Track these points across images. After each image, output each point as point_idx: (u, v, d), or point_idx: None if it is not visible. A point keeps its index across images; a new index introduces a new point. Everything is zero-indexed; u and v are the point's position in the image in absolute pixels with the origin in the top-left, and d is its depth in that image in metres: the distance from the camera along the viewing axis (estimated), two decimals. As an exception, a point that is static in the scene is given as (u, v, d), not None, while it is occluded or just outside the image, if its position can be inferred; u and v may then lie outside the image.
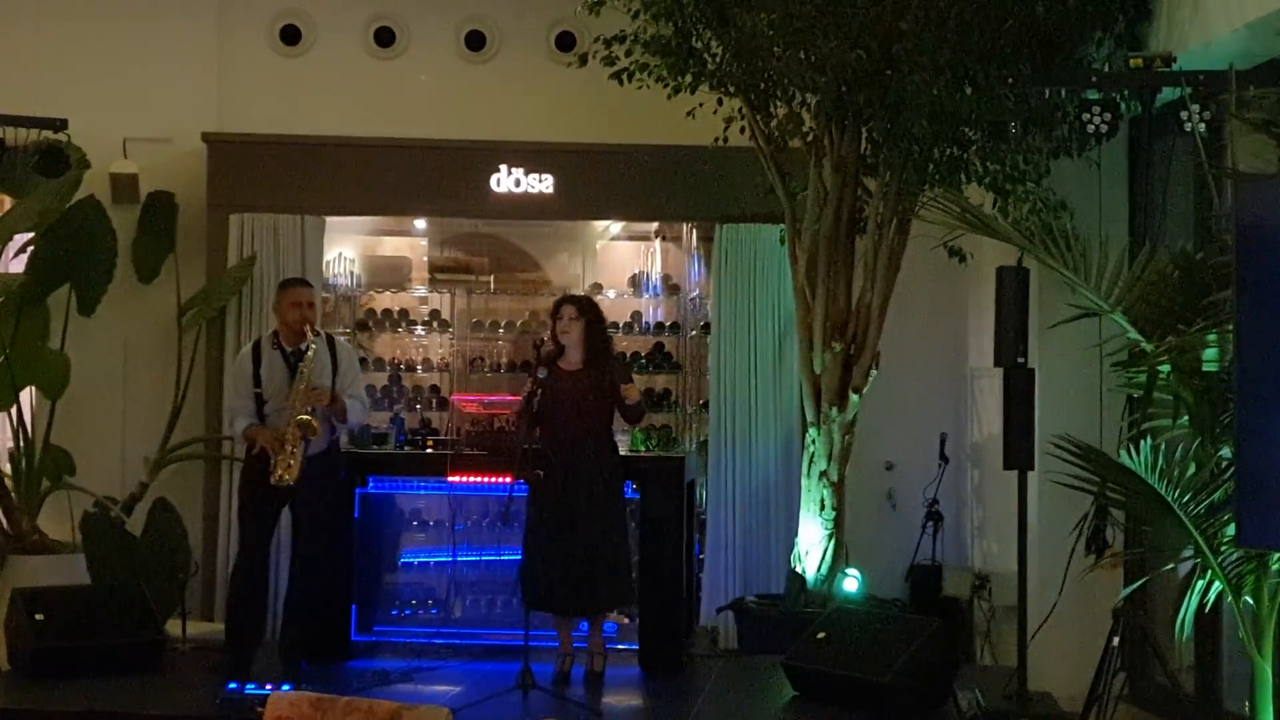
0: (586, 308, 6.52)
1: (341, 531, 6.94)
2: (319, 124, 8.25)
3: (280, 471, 6.16)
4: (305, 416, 6.17)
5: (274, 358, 6.39)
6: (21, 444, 7.65)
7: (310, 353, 6.26)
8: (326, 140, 8.19)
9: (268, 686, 5.66)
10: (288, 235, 8.08)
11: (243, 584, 6.45)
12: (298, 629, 6.42)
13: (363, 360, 8.77)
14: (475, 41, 8.60)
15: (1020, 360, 5.99)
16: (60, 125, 7.10)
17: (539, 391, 6.15)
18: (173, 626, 6.93)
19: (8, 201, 7.96)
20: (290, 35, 8.54)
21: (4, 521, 7.55)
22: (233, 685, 5.90)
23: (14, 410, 7.63)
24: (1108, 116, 6.07)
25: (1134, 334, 4.99)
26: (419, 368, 9.01)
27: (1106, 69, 6.47)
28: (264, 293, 7.81)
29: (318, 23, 8.56)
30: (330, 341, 6.56)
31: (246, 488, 6.45)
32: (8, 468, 7.71)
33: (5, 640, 6.50)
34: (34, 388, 7.80)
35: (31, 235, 7.64)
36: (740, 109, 7.24)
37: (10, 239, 7.64)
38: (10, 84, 7.75)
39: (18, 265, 7.78)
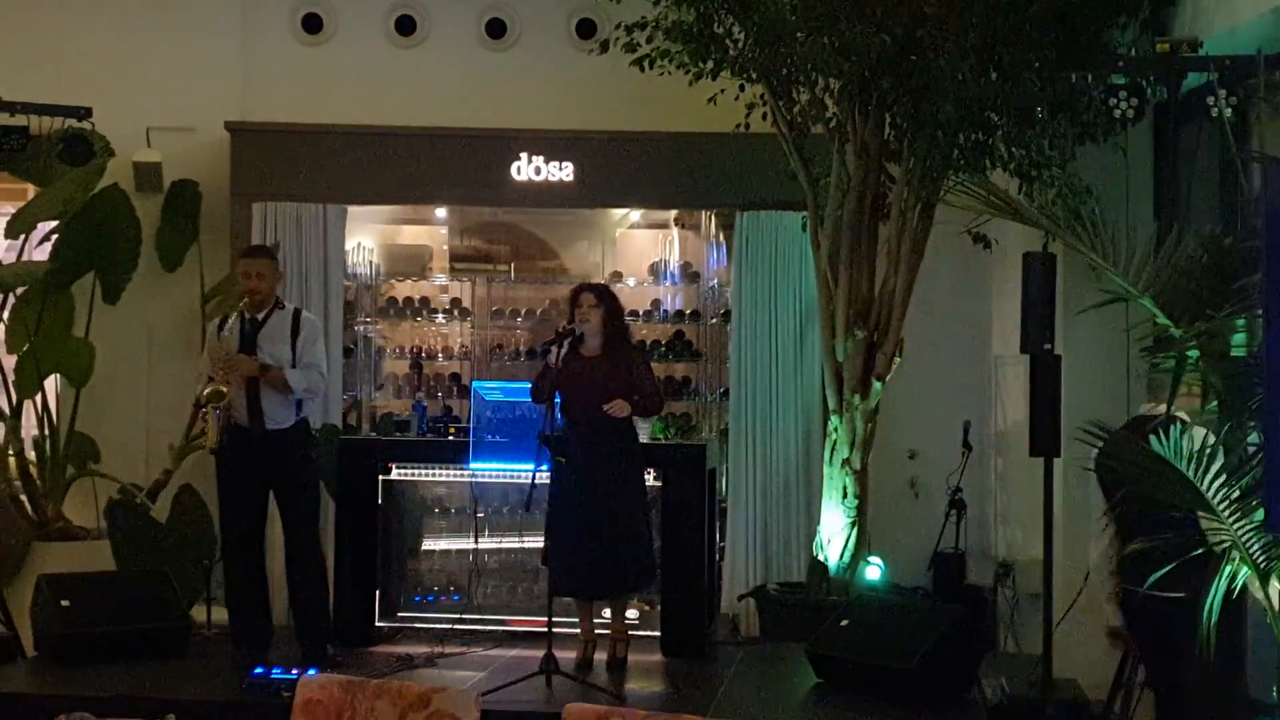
0: (604, 295, 6.51)
1: (365, 518, 6.98)
2: (341, 113, 8.26)
3: (200, 440, 6.29)
4: (219, 387, 6.29)
5: (234, 327, 6.49)
6: (47, 431, 7.69)
7: (231, 321, 6.43)
8: (348, 129, 8.20)
9: (294, 671, 5.67)
10: (310, 224, 8.10)
11: (235, 577, 6.49)
12: (304, 614, 6.44)
13: (380, 350, 8.84)
14: (496, 29, 8.60)
15: (1047, 346, 5.97)
16: (84, 114, 7.13)
17: (557, 366, 6.17)
18: (197, 612, 6.97)
19: (32, 190, 8.00)
20: (312, 24, 8.55)
21: (29, 508, 7.59)
22: (259, 670, 5.92)
23: (39, 398, 7.67)
24: (1134, 101, 6.05)
25: (1163, 319, 4.97)
26: (439, 356, 9.03)
27: (1132, 54, 6.44)
28: (287, 281, 7.81)
29: (339, 11, 8.58)
30: (295, 314, 6.59)
31: (218, 465, 6.51)
32: (33, 455, 7.75)
33: (32, 626, 6.53)
34: (59, 375, 7.83)
35: (56, 224, 7.67)
36: (762, 95, 7.23)
37: (35, 227, 7.66)
38: (35, 73, 7.77)
39: (42, 253, 7.81)
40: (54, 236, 7.71)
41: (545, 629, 6.12)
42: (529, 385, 6.47)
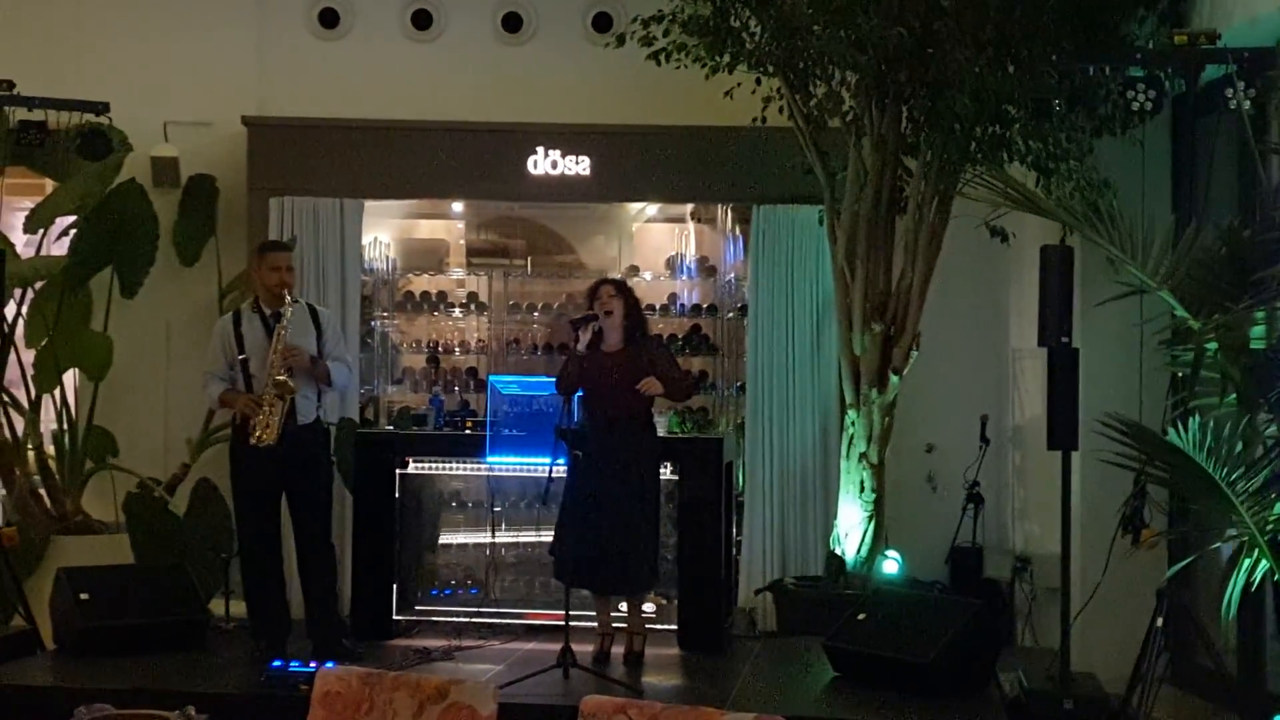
0: (623, 288, 6.52)
1: (382, 512, 7.00)
2: (357, 108, 8.27)
3: (259, 432, 6.18)
4: (282, 377, 6.20)
5: (253, 321, 6.40)
6: (65, 425, 7.73)
7: (287, 314, 6.27)
8: (365, 123, 8.21)
9: (311, 664, 5.70)
10: (327, 218, 8.11)
11: (254, 572, 6.45)
12: (319, 609, 6.44)
13: (397, 344, 8.85)
14: (512, 23, 8.59)
15: (1064, 340, 5.95)
16: (102, 109, 7.15)
17: (581, 352, 6.19)
18: (216, 606, 7.00)
19: (50, 184, 8.03)
20: (328, 19, 8.56)
21: (49, 502, 7.63)
22: (277, 663, 5.94)
23: (58, 392, 7.71)
24: (1152, 94, 6.01)
25: (1181, 311, 4.96)
26: (456, 350, 9.05)
27: (1150, 46, 6.41)
28: (304, 275, 7.82)
29: (355, 6, 8.59)
30: (311, 308, 6.57)
31: (235, 462, 6.44)
32: (52, 449, 7.78)
33: (51, 619, 6.56)
34: (77, 370, 7.86)
35: (74, 218, 7.71)
36: (779, 88, 7.22)
37: (53, 222, 7.69)
38: (52, 67, 7.79)
39: (60, 248, 7.84)
40: (72, 231, 7.74)
41: (562, 622, 6.13)
42: (552, 379, 6.46)
